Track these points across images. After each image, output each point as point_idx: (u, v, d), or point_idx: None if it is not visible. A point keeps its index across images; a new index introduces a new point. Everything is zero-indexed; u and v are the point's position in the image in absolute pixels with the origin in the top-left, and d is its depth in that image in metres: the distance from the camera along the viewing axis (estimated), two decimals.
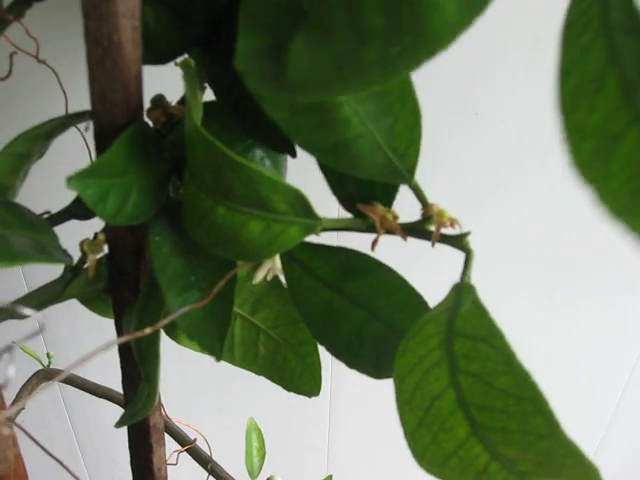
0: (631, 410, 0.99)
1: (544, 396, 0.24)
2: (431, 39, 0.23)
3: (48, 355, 0.74)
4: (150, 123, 0.39)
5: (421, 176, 0.33)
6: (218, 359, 0.33)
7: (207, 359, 0.35)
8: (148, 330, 0.30)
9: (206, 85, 0.39)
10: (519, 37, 0.66)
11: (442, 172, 0.75)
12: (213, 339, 0.33)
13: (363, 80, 0.24)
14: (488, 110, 0.70)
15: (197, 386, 0.92)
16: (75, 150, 0.35)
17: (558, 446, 0.24)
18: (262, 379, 0.46)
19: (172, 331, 0.47)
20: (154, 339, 0.35)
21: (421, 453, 0.28)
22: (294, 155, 0.36)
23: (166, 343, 0.39)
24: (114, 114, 0.32)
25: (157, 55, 0.35)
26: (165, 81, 0.43)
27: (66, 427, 1.06)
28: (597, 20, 0.25)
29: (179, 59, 0.36)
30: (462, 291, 0.28)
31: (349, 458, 1.05)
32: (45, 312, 0.78)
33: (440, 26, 0.23)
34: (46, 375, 0.72)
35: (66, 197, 0.39)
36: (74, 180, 0.29)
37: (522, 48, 0.66)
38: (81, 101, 0.42)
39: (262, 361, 0.45)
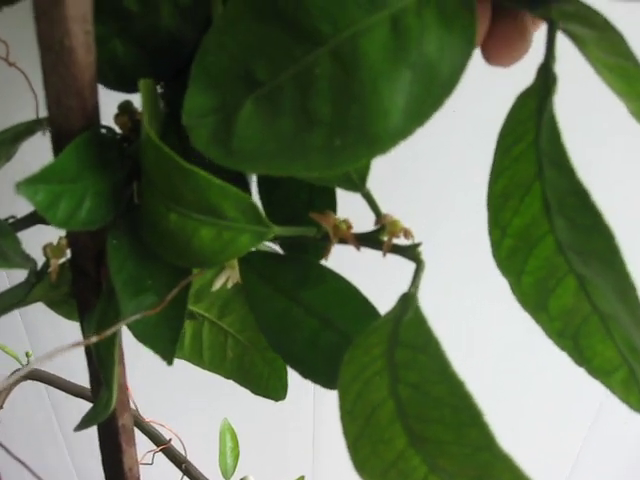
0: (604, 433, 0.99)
1: (478, 407, 0.24)
2: (373, 140, 0.24)
3: (27, 354, 0.75)
4: (117, 128, 0.39)
5: (379, 181, 0.33)
6: (169, 363, 0.33)
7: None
8: (94, 339, 0.30)
9: None
10: None
11: (402, 177, 0.75)
12: (165, 344, 0.33)
13: (307, 164, 0.25)
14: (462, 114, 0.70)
15: (173, 386, 0.92)
16: (47, 154, 0.35)
17: (495, 460, 0.24)
18: None
19: None
20: (111, 344, 0.35)
21: (361, 464, 0.28)
22: (249, 194, 0.36)
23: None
24: (70, 119, 0.32)
25: (124, 84, 0.36)
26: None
27: (52, 427, 1.06)
28: (532, 134, 0.27)
29: None
30: (407, 301, 0.28)
31: (335, 457, 1.05)
32: (29, 311, 0.79)
33: (383, 130, 0.24)
34: (26, 374, 0.72)
35: None
36: (23, 186, 0.29)
37: None
38: None
39: (230, 364, 0.45)
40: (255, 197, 0.38)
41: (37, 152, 0.41)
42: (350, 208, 0.35)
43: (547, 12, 0.26)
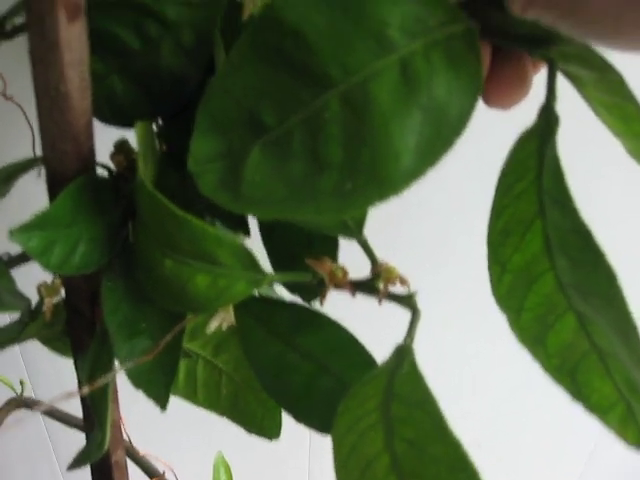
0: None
1: (475, 468, 0.24)
2: (384, 183, 0.24)
3: (21, 382, 0.74)
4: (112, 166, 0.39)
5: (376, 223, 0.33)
6: (163, 408, 0.33)
7: None
8: (86, 389, 0.30)
9: None
10: None
11: (399, 220, 0.75)
12: (159, 389, 0.33)
13: (317, 208, 0.24)
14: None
15: (167, 419, 0.91)
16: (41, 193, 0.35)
17: None
18: None
19: None
20: (105, 389, 0.35)
21: None
22: (248, 234, 0.36)
23: None
24: (65, 163, 0.32)
25: (122, 120, 0.36)
26: None
27: (49, 457, 1.05)
28: (533, 172, 0.27)
29: None
30: (402, 353, 0.28)
31: None
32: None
33: (395, 172, 0.24)
34: (19, 404, 0.71)
35: None
36: (16, 232, 0.29)
37: None
38: None
39: (225, 403, 0.45)
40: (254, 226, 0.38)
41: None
42: (348, 248, 0.35)
43: (547, 53, 0.27)
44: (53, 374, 0.91)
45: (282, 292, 0.39)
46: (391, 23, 0.24)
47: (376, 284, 0.31)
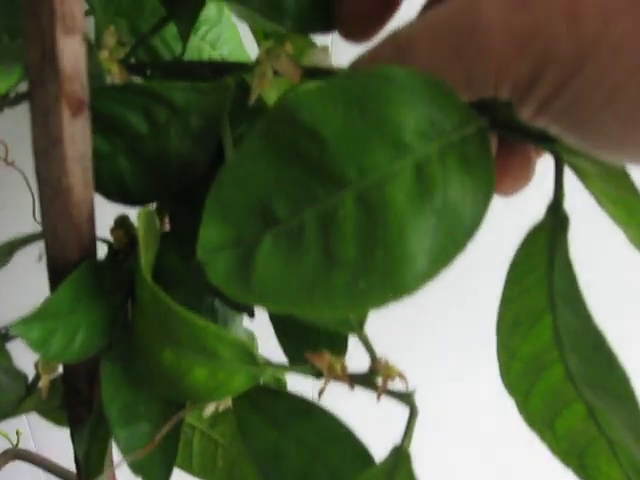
0: None
1: None
2: (398, 284, 0.24)
3: (17, 433, 0.74)
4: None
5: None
6: None
7: None
8: None
9: None
10: None
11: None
12: (158, 475, 0.33)
13: (330, 304, 0.24)
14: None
15: None
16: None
17: None
18: None
19: None
20: (100, 465, 0.35)
21: None
22: (253, 316, 0.36)
23: None
24: (66, 251, 0.32)
25: (127, 199, 0.36)
26: None
27: None
28: (543, 268, 0.27)
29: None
30: (399, 457, 0.28)
31: None
32: None
33: (409, 273, 0.24)
34: (15, 454, 0.71)
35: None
36: (17, 326, 0.29)
37: None
38: None
39: (220, 473, 0.45)
40: None
41: None
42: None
43: (553, 147, 0.27)
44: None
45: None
46: (407, 127, 0.24)
47: (374, 379, 0.31)
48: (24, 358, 0.38)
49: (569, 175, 0.28)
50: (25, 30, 0.28)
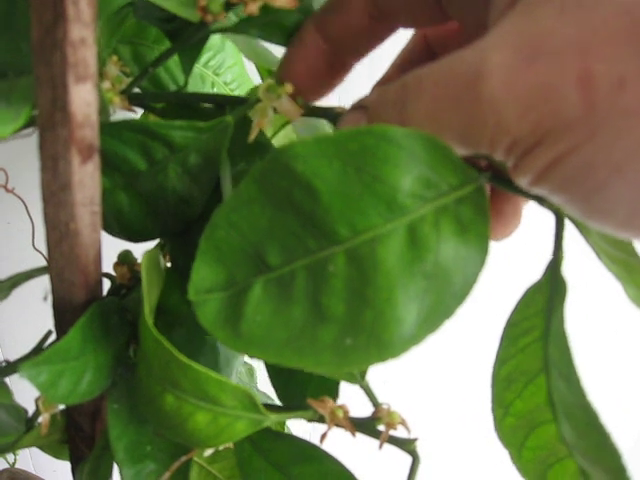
0: None
1: None
2: (385, 346, 0.24)
3: (14, 453, 0.73)
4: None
5: None
6: None
7: None
8: None
9: None
10: None
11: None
12: None
13: (317, 361, 0.24)
14: None
15: None
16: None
17: None
18: None
19: None
20: None
21: None
22: None
23: None
24: (72, 293, 0.32)
25: (129, 236, 0.36)
26: None
27: None
28: (539, 331, 0.27)
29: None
30: None
31: None
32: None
33: (396, 336, 0.24)
34: (11, 475, 0.70)
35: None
36: (26, 368, 0.29)
37: None
38: None
39: None
40: None
41: None
42: None
43: (553, 205, 0.26)
44: None
45: None
46: (402, 188, 0.24)
47: (377, 426, 0.31)
48: (23, 387, 0.38)
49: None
50: (37, 76, 0.28)
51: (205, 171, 0.34)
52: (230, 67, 0.57)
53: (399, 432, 0.31)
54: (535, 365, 0.28)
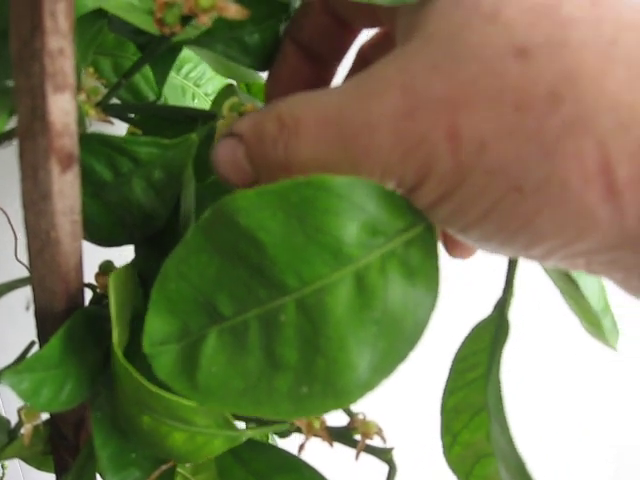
0: None
1: None
2: (340, 392, 0.23)
3: (3, 466, 0.73)
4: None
5: None
6: None
7: None
8: None
9: None
10: None
11: None
12: None
13: (274, 409, 0.24)
14: None
15: None
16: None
17: None
18: None
19: None
20: None
21: None
22: None
23: None
24: (54, 301, 0.32)
25: (99, 241, 0.36)
26: None
27: None
28: (483, 367, 0.27)
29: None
30: None
31: None
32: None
33: (351, 383, 0.23)
34: None
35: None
36: (8, 376, 0.29)
37: None
38: None
39: None
40: None
41: None
42: None
43: None
44: None
45: None
46: (346, 237, 0.23)
47: (353, 435, 0.31)
48: (7, 398, 0.38)
49: None
50: (16, 86, 0.28)
51: (169, 187, 0.34)
52: (211, 79, 0.57)
53: (377, 442, 0.31)
54: (480, 400, 0.29)
